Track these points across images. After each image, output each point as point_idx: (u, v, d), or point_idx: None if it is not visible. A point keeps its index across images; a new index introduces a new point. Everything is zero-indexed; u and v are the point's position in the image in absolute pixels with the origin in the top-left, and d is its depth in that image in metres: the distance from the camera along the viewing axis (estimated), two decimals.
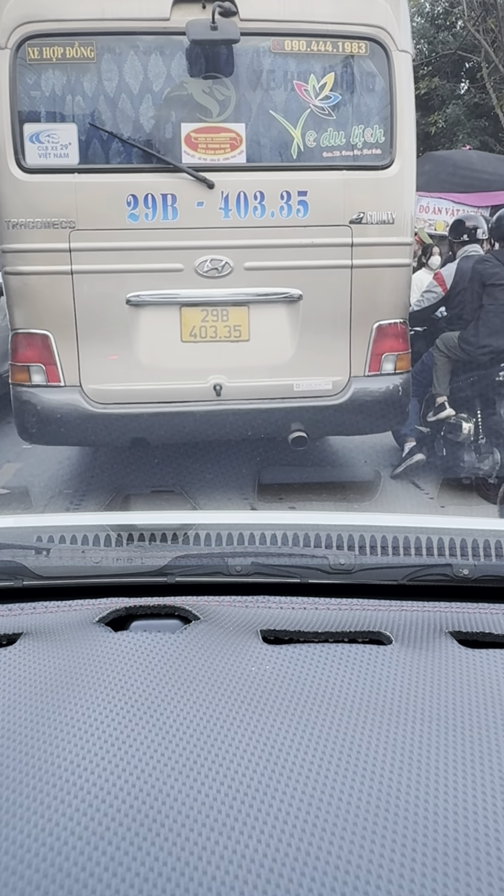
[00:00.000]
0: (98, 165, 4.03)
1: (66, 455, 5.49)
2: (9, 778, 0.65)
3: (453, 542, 1.17)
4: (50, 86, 3.95)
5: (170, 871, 0.55)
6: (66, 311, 4.06)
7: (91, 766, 0.66)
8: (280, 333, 4.25)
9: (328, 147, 4.13)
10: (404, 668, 0.84)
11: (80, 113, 3.98)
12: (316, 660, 0.85)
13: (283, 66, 4.04)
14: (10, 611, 1.02)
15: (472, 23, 16.40)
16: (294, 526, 1.29)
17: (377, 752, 0.68)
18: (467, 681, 0.82)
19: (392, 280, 4.29)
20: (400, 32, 4.02)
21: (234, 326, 4.23)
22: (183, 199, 4.05)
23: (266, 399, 4.25)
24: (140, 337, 4.16)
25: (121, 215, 4.02)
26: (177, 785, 0.63)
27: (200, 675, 0.81)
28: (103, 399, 4.14)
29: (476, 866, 0.56)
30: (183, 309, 4.18)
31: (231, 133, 4.05)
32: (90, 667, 0.82)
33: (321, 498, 4.41)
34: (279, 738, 0.70)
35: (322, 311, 4.23)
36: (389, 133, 4.13)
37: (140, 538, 1.24)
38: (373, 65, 4.06)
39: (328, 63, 4.05)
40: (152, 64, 3.97)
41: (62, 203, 3.98)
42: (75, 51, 3.90)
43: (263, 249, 4.13)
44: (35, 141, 3.97)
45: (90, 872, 0.55)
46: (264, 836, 0.58)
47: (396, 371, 4.39)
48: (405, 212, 4.24)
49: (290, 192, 4.10)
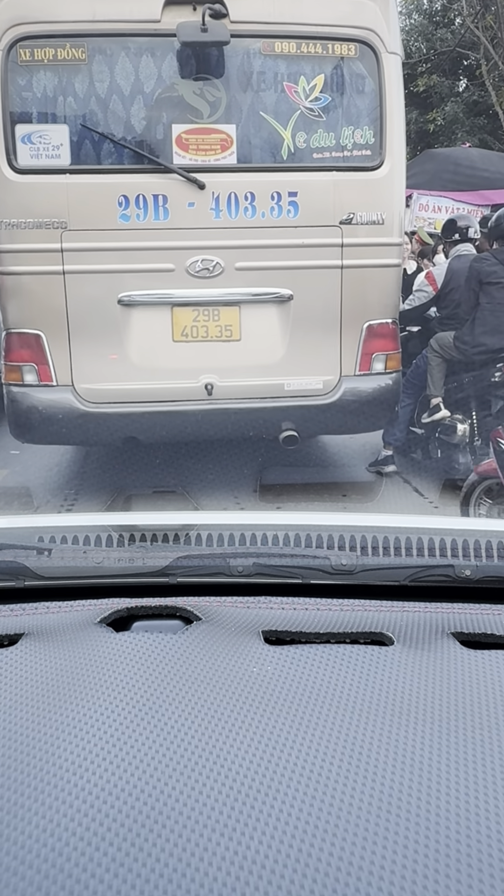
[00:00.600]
0: (90, 166, 4.06)
1: (56, 462, 5.49)
2: (10, 778, 0.65)
3: (455, 542, 1.17)
4: (41, 87, 3.98)
5: (170, 872, 0.55)
6: (58, 311, 4.09)
7: (92, 766, 0.66)
8: (271, 333, 4.28)
9: (318, 148, 4.16)
10: (406, 669, 0.84)
11: (71, 114, 4.01)
12: (317, 660, 0.85)
13: (273, 68, 4.07)
14: (11, 611, 1.02)
15: (472, 19, 16.36)
16: (296, 527, 1.30)
17: (379, 753, 0.69)
18: (469, 682, 0.82)
19: (382, 280, 4.32)
20: (389, 34, 4.05)
21: (226, 326, 4.26)
22: (174, 200, 4.08)
23: (257, 398, 4.28)
24: (132, 337, 4.19)
25: (112, 216, 4.05)
26: (178, 786, 0.64)
27: (202, 676, 0.81)
28: (95, 398, 4.17)
29: (478, 867, 0.56)
30: (174, 309, 4.21)
31: (222, 134, 4.08)
32: (92, 667, 0.83)
33: (321, 499, 4.45)
34: (280, 739, 0.70)
35: (312, 310, 4.26)
36: (379, 134, 4.16)
37: (142, 539, 1.24)
38: (362, 66, 4.09)
39: (318, 65, 4.08)
40: (143, 65, 4.00)
41: (54, 203, 4.01)
42: (67, 52, 3.93)
43: (254, 250, 4.16)
44: (27, 142, 4.00)
45: (91, 873, 0.55)
46: (265, 836, 0.58)
47: (387, 370, 4.43)
48: (395, 212, 4.27)
49: (280, 193, 4.13)
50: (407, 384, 5.08)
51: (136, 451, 4.70)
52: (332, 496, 4.55)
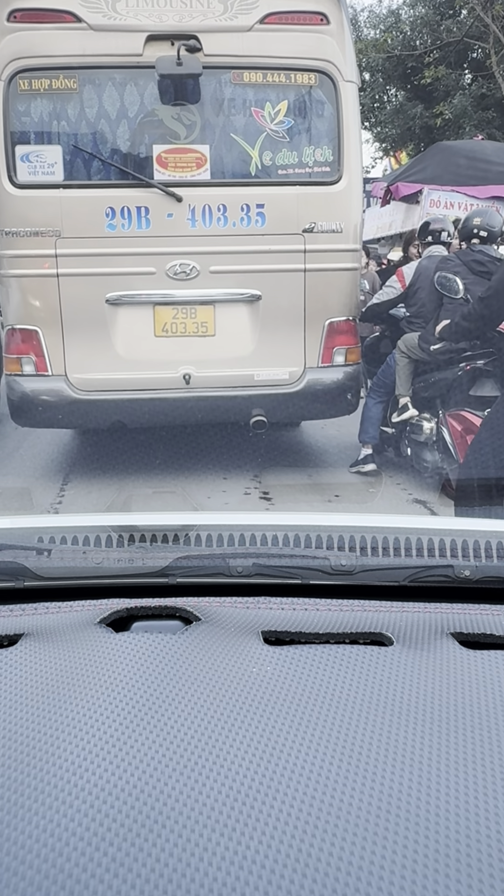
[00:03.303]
0: (80, 182, 4.62)
1: (42, 473, 5.46)
2: (10, 778, 0.65)
3: (454, 543, 1.16)
4: (38, 112, 4.54)
5: (170, 872, 0.55)
6: (52, 309, 4.65)
7: (92, 766, 0.66)
8: (242, 329, 4.81)
9: (283, 165, 4.69)
10: (405, 670, 0.84)
11: (64, 136, 4.57)
12: (317, 661, 0.85)
13: (242, 95, 4.60)
14: (11, 611, 1.02)
15: (480, 8, 15.92)
16: (295, 527, 1.30)
17: (378, 754, 0.69)
18: (468, 682, 0.82)
19: (341, 282, 4.85)
20: (346, 65, 4.56)
21: (202, 323, 4.80)
22: (155, 211, 4.62)
23: (230, 387, 4.82)
24: (118, 332, 4.74)
25: (100, 225, 4.60)
26: (177, 786, 0.64)
27: (201, 676, 0.81)
28: (86, 387, 4.73)
29: (477, 867, 0.56)
30: (156, 307, 4.76)
31: (197, 153, 4.62)
32: (91, 667, 0.83)
33: (317, 499, 4.70)
34: (280, 739, 0.70)
35: (279, 309, 4.79)
36: (337, 153, 4.67)
37: (141, 539, 1.23)
38: (322, 93, 4.61)
39: (282, 92, 4.61)
40: (128, 93, 4.55)
41: (49, 214, 4.57)
42: (60, 82, 4.48)
43: (226, 255, 4.69)
44: (25, 160, 4.56)
45: (91, 873, 0.55)
46: (265, 837, 0.58)
47: (347, 363, 4.95)
48: (352, 222, 4.79)
49: (249, 205, 4.66)
50: (378, 384, 5.31)
51: (136, 451, 5.01)
52: (325, 495, 4.80)
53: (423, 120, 17.89)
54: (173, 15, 4.40)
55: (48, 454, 5.81)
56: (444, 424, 4.75)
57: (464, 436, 4.46)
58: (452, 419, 4.67)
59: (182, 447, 5.24)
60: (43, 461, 5.67)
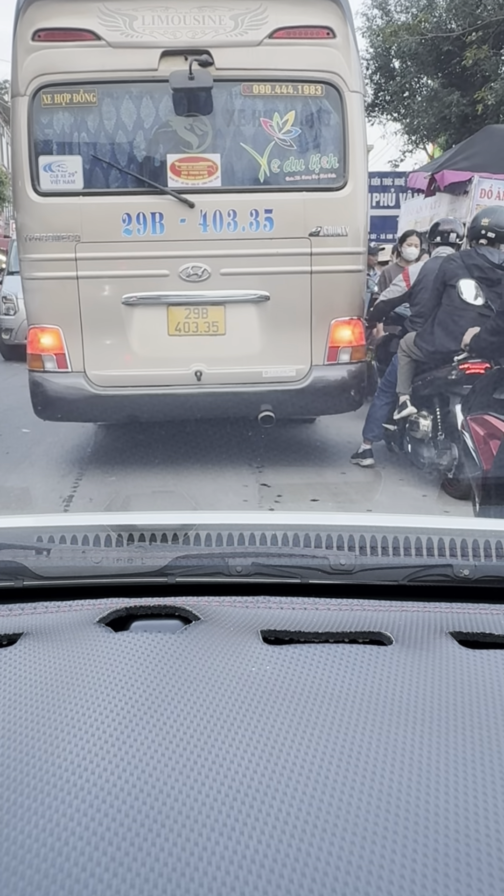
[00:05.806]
0: (99, 189, 4.90)
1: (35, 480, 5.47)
2: (9, 778, 0.65)
3: (454, 542, 1.16)
4: (60, 125, 4.83)
5: (170, 872, 0.55)
6: (72, 310, 4.95)
7: (91, 766, 0.66)
8: (251, 328, 5.07)
9: (290, 172, 4.92)
10: (405, 669, 0.84)
11: (84, 147, 4.86)
12: (316, 660, 0.85)
13: (251, 106, 4.83)
14: (10, 611, 1.02)
15: None
16: (294, 526, 1.30)
17: (377, 753, 0.69)
18: (468, 681, 0.82)
19: (346, 283, 5.06)
20: (351, 76, 4.76)
21: (213, 322, 5.07)
22: (168, 217, 4.89)
23: (239, 384, 5.07)
24: (133, 331, 5.03)
25: (117, 230, 4.89)
26: (177, 785, 0.64)
27: (201, 676, 0.81)
28: (103, 382, 5.04)
29: (477, 867, 0.56)
30: (169, 308, 5.03)
31: (209, 162, 4.88)
32: (90, 667, 0.83)
33: (321, 498, 4.84)
34: (279, 739, 0.70)
35: (286, 309, 5.02)
36: (343, 160, 4.88)
37: (140, 538, 1.23)
38: (328, 103, 4.81)
39: (290, 103, 4.83)
40: (143, 106, 4.81)
41: (70, 220, 4.87)
42: (80, 96, 4.77)
43: (236, 258, 4.94)
44: (48, 170, 4.86)
45: (91, 872, 0.55)
46: (265, 836, 0.58)
47: (351, 361, 5.18)
48: (357, 226, 5.00)
49: (258, 210, 4.90)
50: (386, 383, 5.44)
51: (136, 451, 5.22)
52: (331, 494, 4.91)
53: (461, 108, 17.51)
54: (187, 31, 4.65)
55: (58, 453, 5.89)
56: (466, 429, 4.52)
57: (487, 440, 4.32)
58: (475, 423, 4.47)
59: (182, 447, 5.38)
60: (55, 456, 5.77)
